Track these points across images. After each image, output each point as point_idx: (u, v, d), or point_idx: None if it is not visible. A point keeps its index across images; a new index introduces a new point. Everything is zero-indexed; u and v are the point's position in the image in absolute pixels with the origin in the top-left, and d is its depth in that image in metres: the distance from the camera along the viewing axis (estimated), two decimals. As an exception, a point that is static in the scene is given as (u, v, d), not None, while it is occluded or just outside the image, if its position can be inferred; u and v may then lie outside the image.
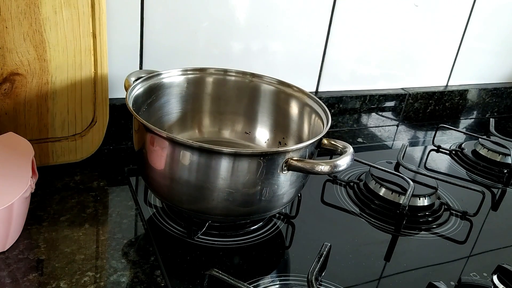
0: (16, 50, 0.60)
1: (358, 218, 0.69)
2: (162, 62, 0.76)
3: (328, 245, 0.56)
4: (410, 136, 1.01)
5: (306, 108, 0.68)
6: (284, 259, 0.59)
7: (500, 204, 0.78)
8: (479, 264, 0.63)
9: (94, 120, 0.69)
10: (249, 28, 0.81)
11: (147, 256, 0.55)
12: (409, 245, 0.65)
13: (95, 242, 0.56)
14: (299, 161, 0.53)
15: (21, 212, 0.54)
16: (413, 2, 0.93)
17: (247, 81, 0.73)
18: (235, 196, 0.54)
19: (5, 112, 0.63)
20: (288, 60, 0.87)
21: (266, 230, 0.63)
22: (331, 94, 0.94)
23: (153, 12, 0.73)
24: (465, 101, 1.12)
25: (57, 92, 0.65)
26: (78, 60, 0.65)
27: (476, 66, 1.12)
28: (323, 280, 0.55)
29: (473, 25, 1.03)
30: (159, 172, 0.55)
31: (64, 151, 0.68)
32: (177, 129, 0.72)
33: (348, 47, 0.92)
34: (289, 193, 0.58)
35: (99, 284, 0.50)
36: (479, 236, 0.69)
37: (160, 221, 0.62)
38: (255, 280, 0.54)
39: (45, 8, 0.60)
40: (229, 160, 0.52)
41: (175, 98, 0.71)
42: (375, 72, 0.98)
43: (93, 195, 0.65)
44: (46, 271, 0.51)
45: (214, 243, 0.59)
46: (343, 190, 0.76)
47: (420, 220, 0.70)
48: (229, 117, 0.75)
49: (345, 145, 0.56)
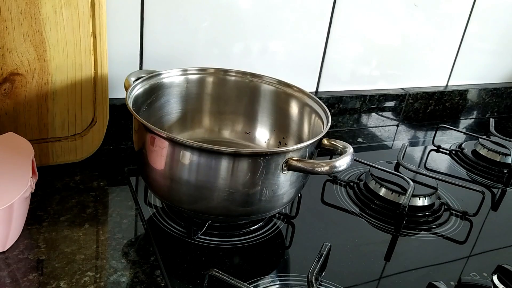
0: (16, 50, 0.60)
1: (358, 218, 0.69)
2: (162, 62, 0.76)
3: (328, 245, 0.55)
4: (410, 136, 1.01)
5: (306, 108, 0.68)
6: (284, 259, 0.59)
7: (500, 204, 0.78)
8: (479, 264, 0.63)
9: (94, 120, 0.69)
10: (249, 28, 0.81)
11: (147, 256, 0.55)
12: (409, 245, 0.65)
13: (95, 242, 0.56)
14: (299, 161, 0.53)
15: (21, 212, 0.54)
16: (413, 2, 0.93)
17: (247, 81, 0.73)
18: (235, 196, 0.54)
19: (5, 112, 0.63)
20: (288, 60, 0.87)
21: (266, 230, 0.63)
22: (331, 94, 0.94)
23: (153, 12, 0.73)
24: (465, 101, 1.12)
25: (57, 92, 0.65)
26: (78, 60, 0.65)
27: (476, 66, 1.12)
28: (323, 280, 0.55)
29: (473, 25, 1.03)
30: (159, 172, 0.55)
31: (64, 151, 0.68)
32: (177, 129, 0.72)
33: (348, 47, 0.92)
34: (289, 193, 0.58)
35: (99, 284, 0.50)
36: (479, 236, 0.69)
37: (160, 221, 0.62)
38: (255, 280, 0.54)
39: (45, 8, 0.60)
40: (229, 160, 0.51)
41: (175, 98, 0.71)
42: (375, 72, 0.98)
43: (93, 195, 0.65)
44: (46, 271, 0.51)
45: (214, 243, 0.59)
46: (343, 190, 0.76)
47: (420, 220, 0.70)
48: (229, 117, 0.75)
49: (345, 145, 0.56)
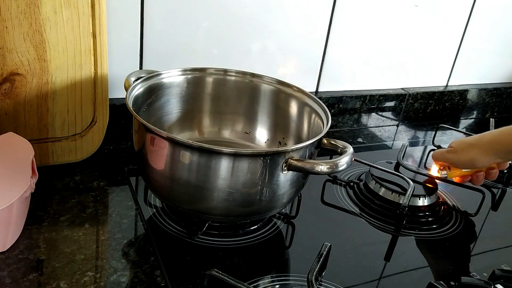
0: (16, 50, 0.60)
1: (358, 218, 0.69)
2: (162, 62, 0.76)
3: (328, 245, 0.55)
4: (410, 136, 1.01)
5: (306, 108, 0.68)
6: (284, 259, 0.59)
7: (500, 204, 0.78)
8: (479, 264, 0.63)
9: (94, 120, 0.69)
10: (249, 28, 0.81)
11: (147, 256, 0.55)
12: (409, 245, 0.65)
13: (95, 242, 0.56)
14: (299, 161, 0.53)
15: (21, 212, 0.54)
16: (413, 3, 0.93)
17: (247, 81, 0.73)
18: (235, 196, 0.54)
19: (5, 112, 0.63)
20: (288, 60, 0.87)
21: (266, 230, 0.63)
22: (331, 94, 0.94)
23: (153, 12, 0.73)
24: (465, 101, 1.12)
25: (57, 92, 0.65)
26: (78, 60, 0.65)
27: (476, 66, 1.12)
28: (323, 280, 0.55)
29: (473, 25, 1.03)
30: (159, 172, 0.55)
31: (64, 151, 0.68)
32: (177, 129, 0.72)
33: (348, 47, 0.92)
34: (289, 193, 0.58)
35: (99, 284, 0.50)
36: (479, 236, 0.69)
37: (160, 221, 0.62)
38: (255, 280, 0.54)
39: (45, 8, 0.60)
40: (229, 160, 0.51)
41: (175, 98, 0.71)
42: (375, 72, 0.98)
43: (93, 195, 0.65)
44: (46, 271, 0.51)
45: (214, 243, 0.59)
46: (343, 190, 0.76)
47: (420, 220, 0.70)
48: (229, 117, 0.75)
49: (345, 145, 0.56)
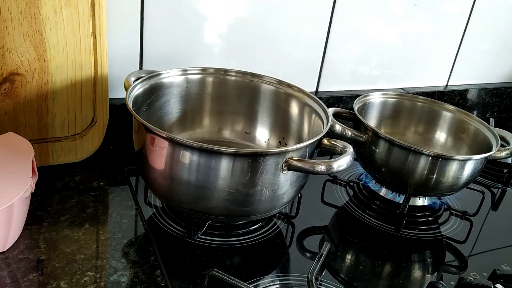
0: (16, 50, 0.60)
1: (358, 218, 0.69)
2: (162, 62, 0.76)
3: (328, 245, 0.56)
4: (410, 136, 1.01)
5: (306, 108, 0.68)
6: (284, 259, 0.59)
7: (500, 204, 0.78)
8: (479, 264, 0.63)
9: (94, 120, 0.69)
10: (249, 28, 0.81)
11: (147, 256, 0.55)
12: (409, 245, 0.65)
13: (95, 242, 0.56)
14: (299, 161, 0.53)
15: (21, 212, 0.54)
16: (413, 2, 0.93)
17: (247, 81, 0.73)
18: (235, 196, 0.54)
19: (5, 112, 0.63)
20: (288, 60, 0.87)
21: (266, 230, 0.63)
22: (331, 94, 0.94)
23: (153, 12, 0.72)
24: (465, 101, 1.12)
25: (57, 92, 0.65)
26: (78, 60, 0.65)
27: (476, 66, 1.12)
28: (323, 280, 0.55)
29: (473, 25, 1.03)
30: (159, 172, 0.55)
31: (64, 151, 0.68)
32: (177, 129, 0.72)
33: (348, 47, 0.92)
34: (289, 193, 0.58)
35: (99, 284, 0.50)
36: (479, 236, 0.69)
37: (160, 221, 0.62)
38: (255, 280, 0.54)
39: (45, 8, 0.60)
40: (229, 160, 0.51)
41: (175, 98, 0.71)
42: (375, 72, 0.98)
43: (93, 195, 0.65)
44: (46, 271, 0.51)
45: (214, 243, 0.59)
46: (343, 190, 0.76)
47: (420, 220, 0.70)
48: (229, 117, 0.75)
49: (345, 145, 0.56)
